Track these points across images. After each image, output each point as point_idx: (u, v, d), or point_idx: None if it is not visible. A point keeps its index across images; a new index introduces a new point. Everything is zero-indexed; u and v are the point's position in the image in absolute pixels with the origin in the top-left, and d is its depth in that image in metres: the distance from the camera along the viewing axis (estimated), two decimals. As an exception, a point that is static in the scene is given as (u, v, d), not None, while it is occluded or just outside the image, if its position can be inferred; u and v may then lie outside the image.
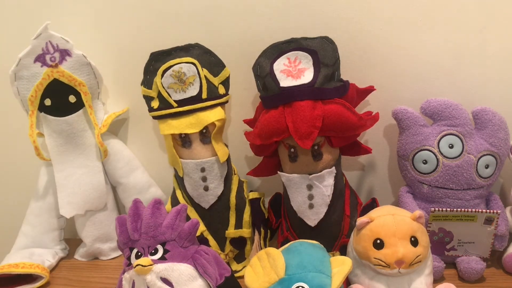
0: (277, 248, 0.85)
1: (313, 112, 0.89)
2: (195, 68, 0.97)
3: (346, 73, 0.96)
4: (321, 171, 0.94)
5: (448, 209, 0.95)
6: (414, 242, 0.84)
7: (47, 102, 1.03)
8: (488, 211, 0.94)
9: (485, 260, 0.98)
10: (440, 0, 1.01)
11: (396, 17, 1.02)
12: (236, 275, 0.98)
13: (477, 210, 0.95)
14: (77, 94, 1.04)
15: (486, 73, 1.04)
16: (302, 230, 0.98)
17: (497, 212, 0.94)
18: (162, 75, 0.97)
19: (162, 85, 0.97)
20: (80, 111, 1.05)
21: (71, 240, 1.18)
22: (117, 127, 1.17)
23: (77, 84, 1.03)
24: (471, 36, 1.02)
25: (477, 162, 0.98)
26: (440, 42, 1.03)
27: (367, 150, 1.03)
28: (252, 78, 0.97)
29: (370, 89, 1.02)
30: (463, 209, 0.95)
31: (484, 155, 0.98)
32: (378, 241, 0.84)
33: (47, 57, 1.01)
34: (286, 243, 0.88)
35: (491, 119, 0.98)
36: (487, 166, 0.98)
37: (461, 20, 1.01)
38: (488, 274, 0.97)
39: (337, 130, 0.92)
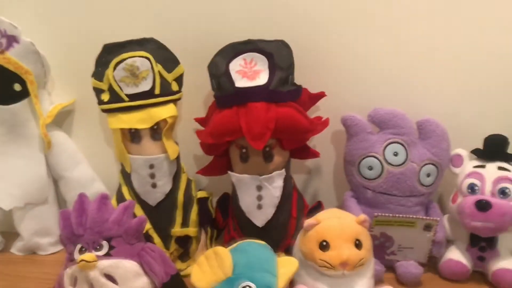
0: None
1: (267, 114, 0.90)
2: (149, 63, 0.95)
3: (299, 78, 0.98)
4: (271, 173, 0.95)
5: (391, 215, 0.98)
6: (359, 245, 0.86)
7: (-10, 89, 0.99)
8: (428, 218, 0.98)
9: (423, 265, 1.01)
10: (391, 11, 1.04)
11: (349, 26, 1.05)
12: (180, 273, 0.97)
13: (417, 216, 0.98)
14: (23, 83, 1.01)
15: (432, 84, 1.08)
16: (249, 230, 0.98)
17: (436, 220, 0.97)
18: (115, 68, 0.95)
19: (114, 78, 0.95)
20: (25, 100, 1.02)
21: (6, 233, 1.13)
22: (61, 119, 1.14)
23: (24, 72, 1.00)
24: (420, 47, 1.06)
25: (420, 170, 1.01)
26: (390, 51, 1.06)
27: (315, 154, 1.05)
28: (205, 76, 0.96)
29: (321, 95, 1.04)
30: (404, 215, 0.98)
31: (426, 164, 1.01)
32: (324, 243, 0.86)
33: (-6, 42, 0.97)
34: (233, 243, 0.88)
35: (435, 129, 1.02)
36: (428, 175, 1.02)
37: (410, 30, 1.05)
38: (425, 278, 1.00)
39: (289, 132, 0.93)
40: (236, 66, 0.93)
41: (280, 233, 1.00)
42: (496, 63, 1.06)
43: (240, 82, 0.92)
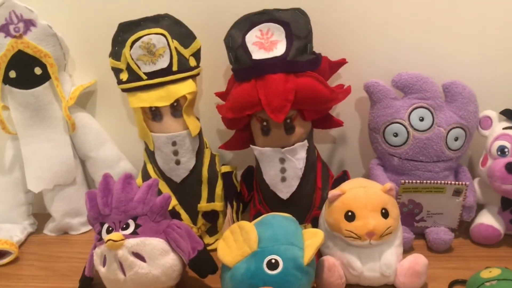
0: (250, 221, 0.86)
1: (285, 86, 0.89)
2: (165, 40, 0.94)
3: (318, 46, 0.95)
4: (293, 145, 0.94)
5: (418, 181, 0.96)
6: (385, 214, 0.85)
7: (12, 74, 1.00)
8: (457, 183, 0.96)
9: (453, 231, 1.00)
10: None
11: (368, -10, 1.02)
12: (209, 248, 0.98)
13: (446, 182, 0.96)
14: (43, 66, 1.01)
15: (456, 45, 1.05)
16: (274, 203, 0.98)
17: (465, 184, 0.95)
18: (131, 47, 0.94)
19: (131, 56, 0.95)
20: (47, 84, 1.03)
21: (39, 214, 1.16)
22: (85, 100, 1.15)
23: (43, 56, 1.00)
24: (442, 9, 1.02)
25: (447, 134, 0.99)
26: (411, 15, 1.03)
27: (338, 123, 1.03)
28: (223, 50, 0.95)
29: (342, 62, 1.02)
30: (432, 181, 0.96)
31: (454, 127, 0.99)
32: (350, 213, 0.85)
33: (11, 27, 0.97)
34: (259, 216, 0.88)
35: (461, 92, 0.99)
36: (456, 139, 0.99)
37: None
38: (456, 244, 0.99)
39: (309, 103, 0.92)
40: (252, 37, 0.91)
41: (305, 205, 0.99)
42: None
43: (257, 54, 0.90)
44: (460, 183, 0.96)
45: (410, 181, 0.96)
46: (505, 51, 1.04)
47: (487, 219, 0.99)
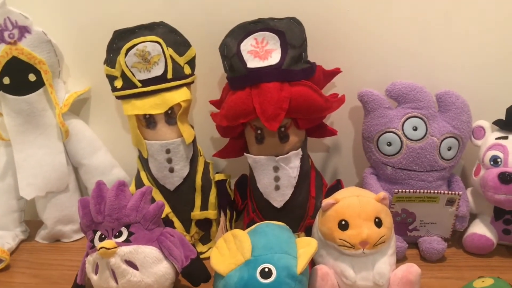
0: (243, 229, 0.85)
1: (280, 94, 0.89)
2: (160, 47, 0.95)
3: (313, 55, 0.96)
4: (287, 153, 0.95)
5: (411, 191, 0.96)
6: (378, 223, 0.85)
7: (6, 80, 1.00)
8: (450, 192, 0.96)
9: (446, 240, 1.00)
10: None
11: (362, 0, 1.03)
12: (202, 256, 0.98)
13: (439, 191, 0.96)
14: (37, 73, 1.01)
15: (450, 55, 1.05)
16: (268, 212, 0.98)
17: (458, 194, 0.96)
18: (126, 54, 0.95)
19: (125, 64, 0.95)
20: (40, 90, 1.02)
21: (31, 222, 1.15)
22: (78, 107, 1.15)
23: (37, 62, 1.00)
24: (436, 19, 1.03)
25: (440, 144, 0.99)
26: (405, 25, 1.04)
27: (332, 132, 1.04)
28: (218, 58, 0.95)
29: (336, 71, 1.02)
30: (425, 191, 0.96)
31: (447, 137, 0.99)
32: (343, 222, 0.85)
33: (6, 34, 0.97)
34: (252, 224, 0.88)
35: (454, 102, 0.99)
36: (449, 148, 1.00)
37: (426, 4, 1.02)
38: (449, 254, 0.99)
39: (303, 112, 0.92)
40: (247, 46, 0.92)
41: (299, 213, 0.99)
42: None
43: (252, 63, 0.91)
44: (453, 192, 0.96)
45: (403, 190, 0.96)
46: (499, 62, 1.05)
47: (480, 229, 0.99)
